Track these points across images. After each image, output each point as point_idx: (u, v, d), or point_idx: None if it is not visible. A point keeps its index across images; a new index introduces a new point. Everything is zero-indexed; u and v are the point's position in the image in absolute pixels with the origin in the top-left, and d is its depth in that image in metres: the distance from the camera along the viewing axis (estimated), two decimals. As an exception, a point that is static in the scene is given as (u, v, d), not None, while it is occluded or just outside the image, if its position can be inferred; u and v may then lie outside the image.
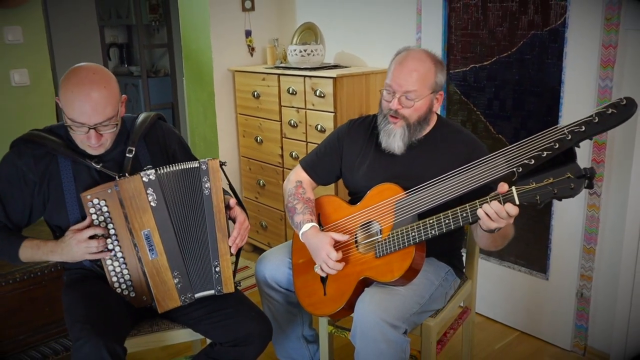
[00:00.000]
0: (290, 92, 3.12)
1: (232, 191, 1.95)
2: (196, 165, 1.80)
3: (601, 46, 2.21)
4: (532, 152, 1.58)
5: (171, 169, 1.78)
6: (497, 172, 1.65)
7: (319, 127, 3.00)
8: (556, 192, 1.47)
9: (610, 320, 2.36)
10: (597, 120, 1.53)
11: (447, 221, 1.67)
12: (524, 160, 1.58)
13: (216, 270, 1.82)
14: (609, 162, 2.29)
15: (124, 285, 1.79)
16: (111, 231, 1.75)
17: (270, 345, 1.90)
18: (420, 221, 1.73)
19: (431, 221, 1.70)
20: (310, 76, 3.00)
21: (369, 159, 1.99)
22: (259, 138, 3.43)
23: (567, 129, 1.56)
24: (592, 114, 1.55)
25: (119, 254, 1.77)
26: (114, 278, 1.78)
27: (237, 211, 1.86)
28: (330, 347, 2.15)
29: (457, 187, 1.70)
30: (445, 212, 1.68)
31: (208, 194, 1.80)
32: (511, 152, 1.64)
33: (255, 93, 3.36)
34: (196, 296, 1.82)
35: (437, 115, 1.99)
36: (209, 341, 1.86)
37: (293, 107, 3.14)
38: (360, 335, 1.75)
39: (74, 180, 1.78)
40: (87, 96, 1.65)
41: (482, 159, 1.70)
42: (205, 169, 1.80)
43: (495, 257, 2.77)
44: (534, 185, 1.50)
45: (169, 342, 1.88)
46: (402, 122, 1.86)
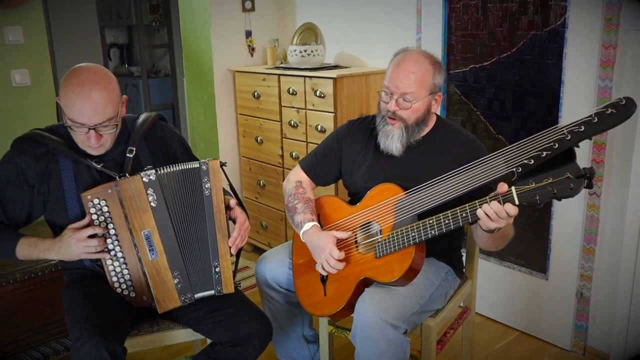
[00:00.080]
0: (291, 92, 3.12)
1: (233, 191, 1.95)
2: (196, 165, 1.80)
3: (601, 46, 2.21)
4: (531, 152, 1.58)
5: (171, 169, 1.78)
6: (496, 172, 1.64)
7: (319, 127, 3.00)
8: (556, 192, 1.47)
9: (610, 320, 2.36)
10: (596, 120, 1.53)
11: (446, 221, 1.67)
12: (523, 161, 1.57)
13: (216, 270, 1.82)
14: (608, 163, 2.29)
15: (124, 285, 1.79)
16: (111, 231, 1.75)
17: (270, 345, 1.90)
18: (420, 221, 1.73)
19: (431, 221, 1.70)
20: (310, 76, 3.00)
21: (368, 159, 1.99)
22: (259, 138, 3.44)
23: (567, 129, 1.56)
24: (591, 114, 1.55)
25: (119, 254, 1.77)
26: (114, 278, 1.78)
27: (237, 212, 1.86)
28: (330, 347, 2.15)
29: (456, 188, 1.71)
30: (445, 213, 1.68)
31: (208, 194, 1.80)
32: (511, 152, 1.63)
33: (256, 93, 3.36)
34: (196, 296, 1.82)
35: (437, 115, 1.98)
36: (209, 341, 1.86)
37: (293, 107, 3.14)
38: (361, 335, 1.75)
39: (74, 180, 1.78)
40: (87, 97, 1.65)
41: (482, 159, 1.70)
42: (206, 169, 1.80)
43: (495, 257, 2.77)
44: (533, 185, 1.50)
45: (169, 342, 1.88)
46: (400, 124, 1.86)
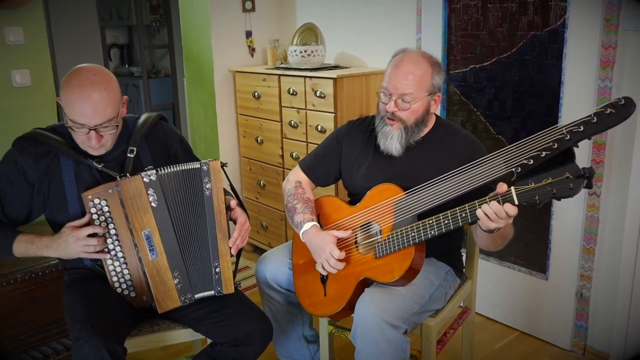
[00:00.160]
0: (291, 92, 3.12)
1: (233, 192, 1.96)
2: (197, 166, 1.80)
3: (601, 47, 2.21)
4: (531, 152, 1.58)
5: (172, 170, 1.79)
6: (496, 173, 1.65)
7: (319, 127, 3.00)
8: (555, 192, 1.47)
9: (609, 320, 2.36)
10: (595, 120, 1.53)
11: (446, 221, 1.67)
12: (522, 161, 1.58)
13: (216, 271, 1.82)
14: (608, 163, 2.29)
15: (124, 285, 1.79)
16: (112, 231, 1.75)
17: (270, 345, 1.90)
18: (420, 221, 1.73)
19: (430, 221, 1.70)
20: (310, 77, 3.00)
21: (367, 160, 1.99)
22: (259, 138, 3.44)
23: (566, 129, 1.56)
24: (590, 114, 1.55)
25: (119, 254, 1.77)
26: (114, 278, 1.78)
27: (238, 212, 1.86)
28: (330, 347, 2.15)
29: (456, 188, 1.71)
30: (445, 213, 1.68)
31: (209, 194, 1.80)
32: (510, 152, 1.64)
33: (256, 93, 3.36)
34: (196, 297, 1.82)
35: (436, 116, 1.98)
36: (209, 341, 1.86)
37: (293, 107, 3.14)
38: (361, 335, 1.75)
39: (75, 180, 1.78)
40: (88, 97, 1.65)
41: (481, 159, 1.70)
42: (207, 169, 1.80)
43: (495, 257, 2.77)
44: (532, 185, 1.50)
45: (170, 342, 1.88)
46: (400, 124, 1.87)
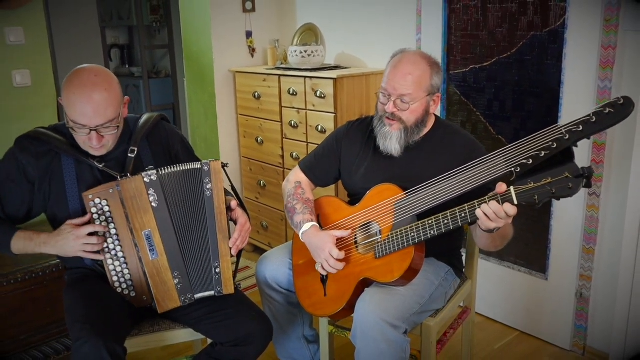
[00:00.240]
0: (291, 93, 3.13)
1: (234, 193, 1.96)
2: (198, 166, 1.81)
3: (600, 47, 2.21)
4: (530, 152, 1.58)
5: (173, 170, 1.79)
6: (495, 172, 1.65)
7: (319, 127, 3.00)
8: (554, 191, 1.47)
9: (609, 320, 2.36)
10: (594, 120, 1.53)
11: (446, 221, 1.68)
12: (522, 160, 1.58)
13: (216, 271, 1.82)
14: (608, 163, 2.29)
15: (124, 285, 1.80)
16: (112, 231, 1.76)
17: (271, 345, 1.90)
18: (420, 222, 1.73)
19: (430, 221, 1.70)
20: (310, 77, 3.00)
21: (367, 160, 1.99)
22: (259, 139, 3.44)
23: (565, 129, 1.56)
24: (589, 113, 1.55)
25: (119, 254, 1.77)
26: (114, 277, 1.78)
27: (238, 213, 1.86)
28: (330, 347, 2.15)
29: (455, 188, 1.71)
30: (444, 213, 1.68)
31: (209, 195, 1.81)
32: (509, 152, 1.64)
33: (256, 94, 3.37)
34: (196, 297, 1.83)
35: (435, 116, 1.99)
36: (209, 341, 1.86)
37: (293, 107, 3.15)
38: (361, 335, 1.75)
39: (76, 179, 1.78)
40: (89, 98, 1.65)
41: (481, 159, 1.70)
42: (207, 170, 1.80)
43: (495, 257, 2.77)
44: (532, 185, 1.50)
45: (170, 342, 1.88)
46: (399, 125, 1.87)
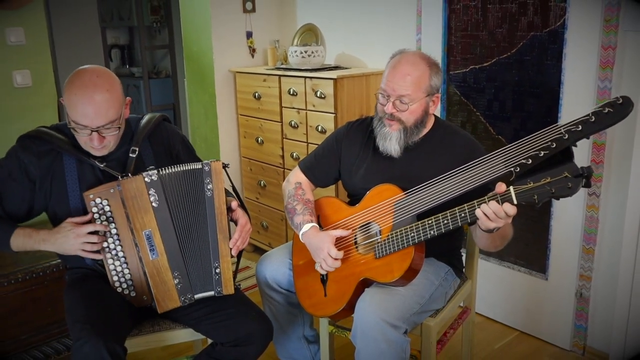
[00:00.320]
0: (291, 93, 3.13)
1: (235, 193, 1.96)
2: (199, 166, 1.81)
3: (600, 47, 2.22)
4: (529, 152, 1.58)
5: (173, 170, 1.79)
6: (495, 172, 1.65)
7: (319, 128, 3.01)
8: (554, 191, 1.47)
9: (609, 320, 2.37)
10: (594, 120, 1.53)
11: (445, 222, 1.68)
12: (521, 160, 1.58)
13: (216, 271, 1.83)
14: (608, 163, 2.29)
15: (124, 285, 1.80)
16: (113, 230, 1.76)
17: (271, 345, 1.90)
18: (419, 222, 1.73)
19: (430, 222, 1.71)
20: (310, 77, 3.01)
21: (367, 161, 2.00)
22: (259, 139, 3.44)
23: (564, 129, 1.56)
24: (589, 113, 1.55)
25: (120, 254, 1.78)
26: (114, 277, 1.79)
27: (239, 213, 1.87)
28: (330, 347, 2.15)
29: (455, 188, 1.71)
30: (444, 213, 1.68)
31: (210, 195, 1.81)
32: (509, 151, 1.64)
33: (256, 94, 3.37)
34: (196, 297, 1.83)
35: (435, 116, 1.99)
36: (210, 341, 1.86)
37: (294, 108, 3.15)
38: (361, 335, 1.76)
39: (78, 179, 1.79)
40: (90, 99, 1.66)
41: (480, 159, 1.70)
42: (208, 170, 1.80)
43: (495, 257, 2.77)
44: (531, 184, 1.50)
45: (170, 342, 1.89)
46: (398, 125, 1.87)
